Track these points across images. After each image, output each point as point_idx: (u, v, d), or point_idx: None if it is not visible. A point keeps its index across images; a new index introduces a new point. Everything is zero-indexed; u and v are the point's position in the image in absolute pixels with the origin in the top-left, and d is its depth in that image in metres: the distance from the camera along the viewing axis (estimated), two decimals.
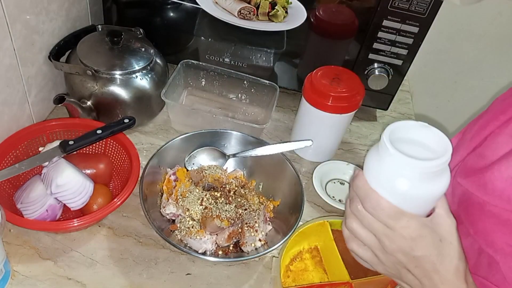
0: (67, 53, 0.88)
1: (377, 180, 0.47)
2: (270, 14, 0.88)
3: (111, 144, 0.81)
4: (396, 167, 0.45)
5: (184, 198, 0.75)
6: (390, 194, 0.46)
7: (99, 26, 0.92)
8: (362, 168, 0.50)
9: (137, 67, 0.84)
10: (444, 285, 0.46)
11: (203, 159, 0.82)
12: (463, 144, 0.54)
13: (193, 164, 0.82)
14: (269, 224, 0.76)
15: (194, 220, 0.73)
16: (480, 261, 0.48)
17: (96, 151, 0.83)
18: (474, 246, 0.48)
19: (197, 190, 0.77)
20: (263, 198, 0.80)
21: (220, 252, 0.72)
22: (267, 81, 0.94)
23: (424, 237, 0.46)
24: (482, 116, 0.55)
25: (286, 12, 0.88)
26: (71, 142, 0.73)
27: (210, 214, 0.73)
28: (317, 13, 0.87)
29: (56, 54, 0.84)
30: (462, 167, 0.51)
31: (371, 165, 0.47)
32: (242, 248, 0.72)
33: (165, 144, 0.79)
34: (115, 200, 0.69)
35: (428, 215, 0.47)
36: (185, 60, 0.95)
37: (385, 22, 0.86)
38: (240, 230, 0.72)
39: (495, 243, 0.45)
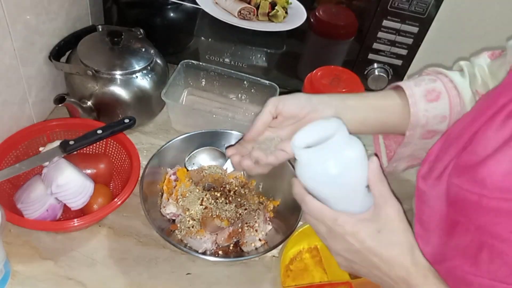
0: (67, 53, 0.88)
1: (305, 180, 0.52)
2: (270, 14, 0.88)
3: (112, 144, 0.81)
4: (312, 160, 0.50)
5: (184, 198, 0.75)
6: (319, 186, 0.51)
7: (100, 26, 0.92)
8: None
9: (137, 67, 0.84)
10: (395, 271, 0.48)
11: (203, 159, 0.82)
12: (451, 143, 0.53)
13: (193, 164, 0.82)
14: (269, 224, 0.76)
15: (194, 220, 0.73)
16: (480, 259, 0.47)
17: (97, 151, 0.83)
18: (474, 242, 0.48)
19: (197, 190, 0.77)
20: (263, 198, 0.80)
21: (220, 252, 0.72)
22: (267, 81, 0.94)
23: (358, 232, 0.49)
24: (466, 116, 0.55)
25: (286, 12, 0.88)
26: (71, 142, 0.73)
27: (210, 214, 0.73)
28: (317, 13, 0.87)
29: (56, 54, 0.84)
30: (455, 167, 0.51)
31: (298, 172, 0.52)
32: (242, 248, 0.72)
33: (165, 144, 0.79)
34: (115, 200, 0.69)
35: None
36: (185, 60, 0.95)
37: (385, 22, 0.86)
38: (240, 230, 0.73)
39: (500, 234, 0.45)
